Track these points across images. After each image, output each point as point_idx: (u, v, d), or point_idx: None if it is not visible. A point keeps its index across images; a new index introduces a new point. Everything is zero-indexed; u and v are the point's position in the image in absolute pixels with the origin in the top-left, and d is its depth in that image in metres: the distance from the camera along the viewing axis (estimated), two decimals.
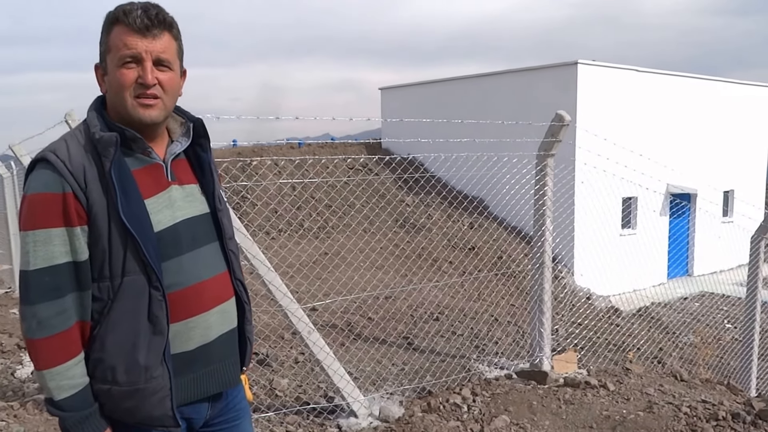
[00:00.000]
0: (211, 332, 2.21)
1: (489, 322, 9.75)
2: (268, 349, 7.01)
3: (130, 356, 2.04)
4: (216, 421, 2.37)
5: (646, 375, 6.68)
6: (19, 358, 6.84)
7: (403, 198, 19.67)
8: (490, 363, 6.99)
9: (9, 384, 6.06)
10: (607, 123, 17.36)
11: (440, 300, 11.20)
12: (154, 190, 2.13)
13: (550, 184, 6.22)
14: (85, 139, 2.08)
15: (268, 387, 5.86)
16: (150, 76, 2.07)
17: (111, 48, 2.09)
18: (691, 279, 20.67)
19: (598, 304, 14.80)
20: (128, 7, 2.07)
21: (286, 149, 23.81)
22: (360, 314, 9.52)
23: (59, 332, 2.00)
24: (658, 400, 5.67)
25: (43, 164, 2.02)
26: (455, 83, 23.00)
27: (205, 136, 2.33)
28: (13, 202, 10.95)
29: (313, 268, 10.61)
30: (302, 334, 4.96)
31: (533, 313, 6.36)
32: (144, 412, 2.09)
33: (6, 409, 5.34)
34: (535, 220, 6.35)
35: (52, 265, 1.99)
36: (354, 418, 5.22)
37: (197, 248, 2.20)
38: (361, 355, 7.10)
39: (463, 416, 5.37)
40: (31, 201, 2.01)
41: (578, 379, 6.07)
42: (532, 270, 6.38)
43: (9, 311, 9.37)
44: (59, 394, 2.01)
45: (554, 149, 6.15)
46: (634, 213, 19.40)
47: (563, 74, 18.75)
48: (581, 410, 5.45)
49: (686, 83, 21.61)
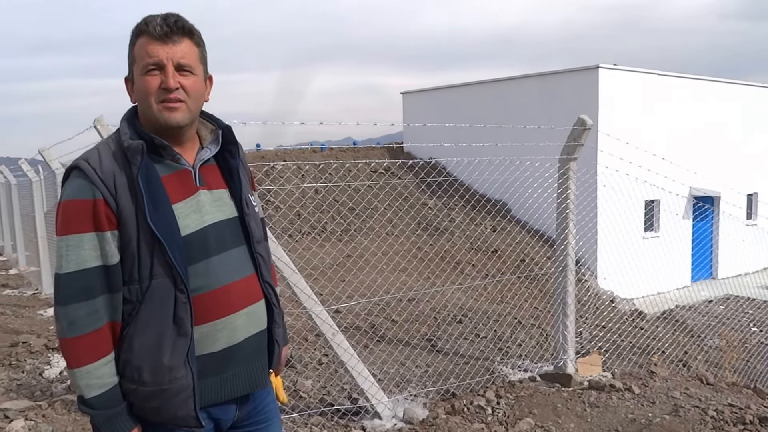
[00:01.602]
0: (238, 334, 2.25)
1: (512, 325, 9.73)
2: (292, 350, 7.04)
3: (155, 357, 2.10)
4: (244, 423, 2.41)
5: (672, 378, 6.64)
6: (47, 358, 6.90)
7: (426, 201, 19.68)
8: (513, 365, 6.97)
9: (37, 384, 6.12)
10: (629, 126, 17.28)
11: (463, 302, 11.19)
12: (182, 195, 2.19)
13: (572, 188, 6.21)
14: (116, 147, 2.15)
15: (293, 388, 5.88)
16: (172, 80, 2.13)
17: (136, 58, 2.16)
18: (716, 282, 20.51)
19: (621, 307, 14.72)
20: (149, 19, 2.15)
21: (309, 153, 23.90)
22: (383, 316, 9.53)
23: (89, 332, 2.06)
24: (684, 403, 5.63)
25: (76, 172, 2.10)
26: (477, 87, 23.01)
27: (234, 143, 2.38)
28: (41, 205, 11.07)
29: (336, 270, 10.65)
30: (327, 335, 4.98)
31: (557, 315, 6.34)
32: (168, 411, 2.14)
33: (35, 408, 5.41)
34: (558, 224, 6.34)
35: (83, 269, 2.05)
36: (378, 419, 5.23)
37: (225, 251, 2.25)
38: (385, 357, 7.11)
39: (487, 418, 5.37)
40: (64, 207, 2.08)
41: (603, 382, 6.05)
42: (556, 273, 6.37)
43: (37, 312, 9.46)
44: (89, 392, 2.07)
45: (576, 153, 6.14)
46: (657, 216, 19.28)
47: (584, 78, 18.72)
48: (606, 413, 5.43)
49: (708, 86, 21.49)
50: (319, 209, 17.89)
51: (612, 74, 18.74)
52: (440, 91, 24.63)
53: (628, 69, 19.33)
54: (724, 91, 21.95)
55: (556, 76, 20.00)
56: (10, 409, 5.35)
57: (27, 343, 7.40)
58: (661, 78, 19.94)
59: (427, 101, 24.99)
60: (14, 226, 14.38)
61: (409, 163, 19.81)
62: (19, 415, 5.24)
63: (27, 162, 11.67)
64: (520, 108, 20.04)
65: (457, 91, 23.73)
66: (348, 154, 23.62)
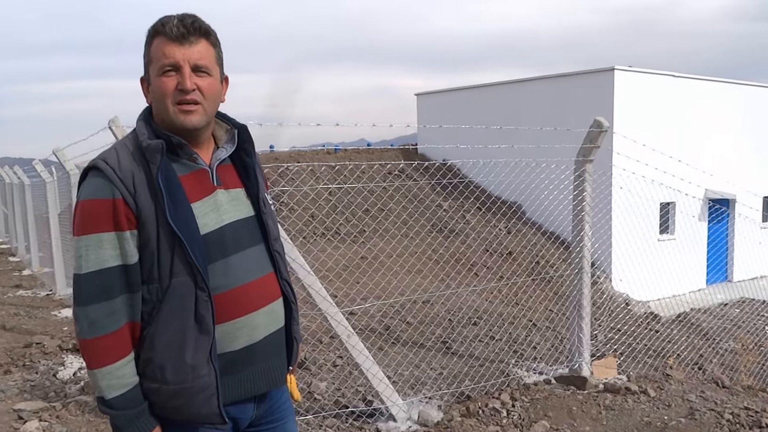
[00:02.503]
0: (258, 332, 2.26)
1: (527, 327, 9.71)
2: (306, 352, 7.05)
3: (178, 355, 2.10)
4: (261, 421, 2.41)
5: (687, 381, 6.61)
6: (61, 359, 6.92)
7: (440, 203, 19.67)
8: (528, 368, 6.96)
9: (51, 385, 6.14)
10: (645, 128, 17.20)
11: (478, 305, 11.17)
12: (200, 195, 2.19)
13: (588, 190, 6.19)
14: (134, 147, 2.15)
15: (307, 390, 5.88)
16: (188, 82, 2.13)
17: (152, 59, 2.16)
18: (731, 285, 20.36)
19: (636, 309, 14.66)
20: (166, 19, 2.15)
21: (323, 154, 23.93)
22: (398, 318, 9.52)
23: (110, 333, 2.06)
24: (700, 406, 5.61)
25: (94, 172, 2.10)
26: (491, 89, 22.99)
27: (250, 142, 2.39)
28: (55, 206, 11.10)
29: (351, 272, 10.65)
30: (342, 337, 4.98)
31: (572, 318, 6.32)
32: (192, 410, 2.14)
33: (49, 410, 5.43)
34: (574, 226, 6.32)
35: (103, 269, 2.05)
36: (393, 422, 5.23)
37: (243, 250, 2.25)
38: (400, 359, 7.10)
39: (502, 421, 5.36)
40: (83, 207, 2.09)
41: (618, 385, 6.03)
42: (571, 275, 6.35)
43: (51, 313, 9.49)
44: (110, 393, 2.06)
45: (593, 155, 6.12)
46: (672, 218, 19.20)
47: (600, 80, 18.69)
48: (622, 416, 5.42)
49: (724, 88, 21.39)
50: (334, 211, 17.92)
51: (627, 76, 18.68)
52: (454, 93, 24.62)
53: (643, 71, 19.27)
54: (740, 92, 21.83)
55: (571, 77, 19.96)
56: (24, 410, 5.40)
57: (41, 344, 7.43)
58: (676, 80, 19.86)
59: (441, 103, 24.97)
60: (28, 227, 14.39)
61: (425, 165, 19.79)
62: (33, 416, 5.28)
63: (41, 163, 11.69)
64: (534, 110, 20.00)
65: (472, 92, 23.71)
66: (362, 155, 23.62)
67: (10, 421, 5.26)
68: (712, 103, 20.53)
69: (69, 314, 9.26)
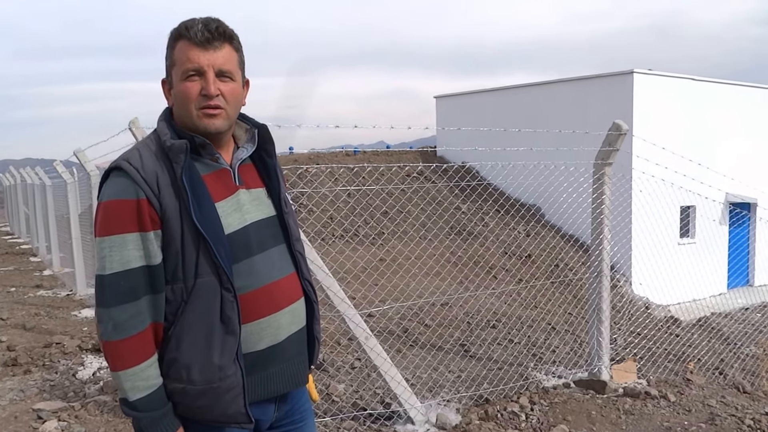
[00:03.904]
0: (281, 332, 2.26)
1: (546, 331, 9.67)
2: (325, 353, 7.05)
3: (205, 356, 2.10)
4: (282, 422, 2.41)
5: (708, 386, 6.57)
6: (81, 359, 6.97)
7: (459, 206, 19.64)
8: (547, 371, 6.93)
9: (70, 385, 6.17)
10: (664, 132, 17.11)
11: (497, 307, 11.14)
12: (223, 194, 2.20)
13: (607, 193, 6.17)
14: (157, 147, 2.15)
15: (325, 392, 5.88)
16: (213, 87, 2.14)
17: (175, 62, 2.17)
18: (753, 289, 20.21)
19: (656, 313, 14.56)
20: (190, 23, 2.14)
21: (342, 156, 23.97)
22: (416, 321, 9.51)
23: (134, 334, 2.06)
24: (721, 412, 5.57)
25: (117, 172, 2.10)
26: (510, 92, 22.95)
27: (270, 142, 2.39)
28: (76, 207, 11.16)
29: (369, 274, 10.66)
30: (360, 339, 4.98)
31: (591, 322, 6.30)
32: (218, 409, 2.14)
33: (68, 409, 5.48)
34: (593, 229, 6.29)
35: (127, 269, 2.05)
36: (411, 424, 5.22)
37: (266, 250, 2.26)
38: (418, 362, 7.09)
39: (521, 425, 5.34)
40: (106, 207, 2.09)
41: (638, 389, 6.00)
42: (590, 279, 6.32)
43: (71, 313, 9.53)
44: (134, 395, 2.06)
45: (612, 158, 6.10)
46: (693, 222, 19.07)
47: (619, 83, 18.61)
48: (642, 421, 5.39)
49: (744, 92, 21.24)
50: (352, 213, 17.94)
51: (647, 79, 18.60)
52: (473, 96, 24.58)
53: (663, 74, 19.18)
54: (761, 96, 21.66)
55: (590, 80, 19.89)
56: (44, 410, 5.45)
57: (61, 344, 7.47)
58: (696, 83, 19.74)
59: (460, 105, 24.93)
60: (49, 227, 14.48)
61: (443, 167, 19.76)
62: (53, 416, 5.32)
63: (62, 164, 11.75)
64: (553, 113, 19.94)
65: (490, 95, 23.68)
66: (381, 157, 23.62)
67: (29, 420, 5.31)
68: (732, 106, 20.38)
69: (89, 314, 9.34)
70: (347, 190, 11.39)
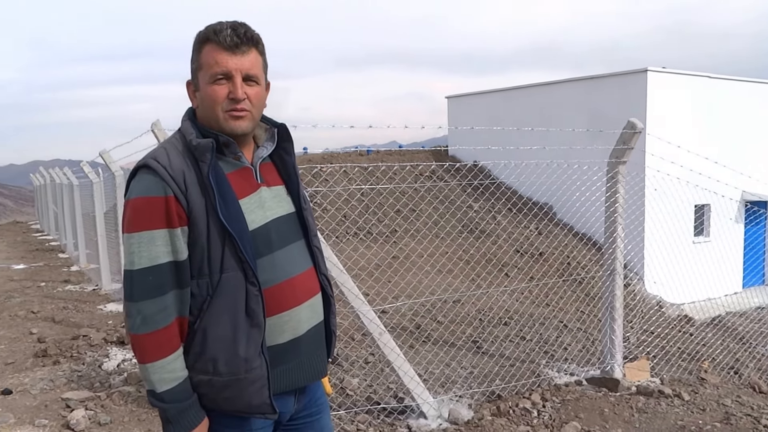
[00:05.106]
0: (302, 326, 2.31)
1: (558, 328, 9.67)
2: (339, 348, 7.10)
3: (231, 348, 2.15)
4: (300, 415, 2.46)
5: (723, 385, 6.55)
6: (106, 351, 7.15)
7: (471, 204, 19.64)
8: (559, 369, 6.93)
9: (96, 376, 6.34)
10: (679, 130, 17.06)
11: (509, 305, 11.15)
12: (246, 192, 2.25)
13: (621, 192, 6.16)
14: (183, 146, 2.20)
15: (339, 386, 5.95)
16: (240, 91, 2.18)
17: (203, 65, 2.21)
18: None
19: (670, 312, 14.51)
20: (218, 27, 2.19)
21: (355, 156, 24.02)
22: (429, 317, 9.55)
23: (162, 328, 2.11)
24: (736, 411, 5.55)
25: (145, 170, 2.15)
26: (522, 91, 22.92)
27: (289, 141, 2.43)
28: (101, 205, 11.39)
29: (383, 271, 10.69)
30: (373, 335, 5.03)
31: (604, 320, 6.30)
32: (243, 400, 2.19)
33: (94, 399, 5.66)
34: (606, 227, 6.29)
35: (155, 265, 2.10)
36: (423, 419, 5.26)
37: (287, 246, 2.31)
38: (431, 358, 7.13)
39: (533, 421, 5.36)
40: (134, 205, 2.13)
41: (651, 388, 5.99)
42: (603, 277, 6.32)
43: (97, 307, 9.80)
44: (161, 387, 2.11)
45: (626, 156, 6.10)
46: (708, 220, 19.00)
47: (633, 82, 18.56)
48: (655, 419, 5.38)
49: (761, 89, 21.11)
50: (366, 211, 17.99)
51: (661, 77, 18.54)
52: (485, 96, 24.57)
53: (677, 72, 19.10)
54: None
55: (603, 79, 19.83)
56: (72, 399, 5.65)
57: (87, 336, 7.69)
58: (711, 81, 19.66)
59: (471, 105, 24.94)
60: (76, 225, 14.77)
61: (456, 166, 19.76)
62: (80, 405, 5.51)
63: (88, 164, 12.03)
64: (566, 112, 19.91)
65: (502, 95, 23.67)
66: (393, 157, 23.67)
67: (58, 409, 5.51)
68: (747, 104, 20.29)
69: (113, 308, 9.62)
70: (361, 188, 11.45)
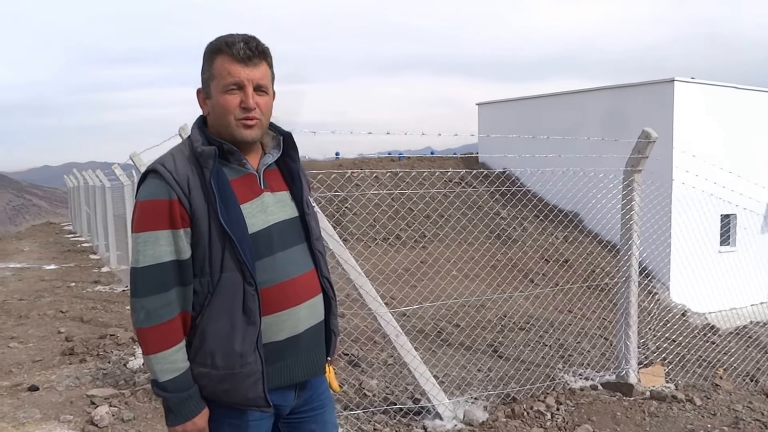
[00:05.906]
0: (301, 325, 2.47)
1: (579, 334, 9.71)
2: (358, 350, 7.25)
3: (228, 344, 2.32)
4: (302, 409, 2.62)
5: (736, 392, 6.61)
6: (132, 350, 7.33)
7: (498, 211, 19.70)
8: (575, 373, 7.01)
9: (121, 374, 6.53)
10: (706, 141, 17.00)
11: (531, 312, 11.21)
12: (249, 197, 2.41)
13: (637, 199, 6.27)
14: (189, 152, 2.38)
15: (357, 387, 6.08)
16: (252, 101, 2.36)
17: (215, 75, 2.38)
18: None
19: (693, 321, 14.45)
20: (230, 39, 2.36)
21: (387, 162, 24.16)
22: (450, 322, 9.65)
23: (164, 322, 2.29)
24: (746, 416, 5.63)
25: (152, 175, 2.33)
26: (551, 99, 22.98)
27: (294, 148, 2.60)
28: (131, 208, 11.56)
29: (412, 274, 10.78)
30: (390, 336, 5.17)
31: (619, 325, 6.39)
32: (240, 393, 2.36)
33: (118, 396, 5.84)
34: (622, 235, 6.40)
35: (158, 263, 2.28)
36: (439, 420, 5.39)
37: (288, 248, 2.47)
38: (447, 360, 7.22)
39: (546, 423, 5.47)
40: (142, 207, 2.32)
41: (665, 393, 6.07)
42: (619, 283, 6.43)
43: (125, 308, 9.94)
44: (163, 377, 2.29)
45: (641, 165, 6.20)
46: (733, 230, 18.87)
47: (660, 91, 18.53)
48: (665, 423, 5.48)
49: None
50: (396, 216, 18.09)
51: (688, 87, 18.48)
52: (514, 103, 24.64)
53: (704, 82, 19.03)
54: None
55: (631, 88, 19.83)
56: (97, 396, 5.83)
57: (115, 335, 7.87)
58: (739, 91, 19.55)
59: (501, 112, 25.03)
60: (107, 226, 15.00)
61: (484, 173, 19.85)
62: (104, 402, 5.69)
63: (120, 167, 12.24)
64: (594, 120, 19.89)
65: (531, 102, 23.75)
66: (424, 163, 23.76)
67: (83, 405, 5.69)
68: None
69: None
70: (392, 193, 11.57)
